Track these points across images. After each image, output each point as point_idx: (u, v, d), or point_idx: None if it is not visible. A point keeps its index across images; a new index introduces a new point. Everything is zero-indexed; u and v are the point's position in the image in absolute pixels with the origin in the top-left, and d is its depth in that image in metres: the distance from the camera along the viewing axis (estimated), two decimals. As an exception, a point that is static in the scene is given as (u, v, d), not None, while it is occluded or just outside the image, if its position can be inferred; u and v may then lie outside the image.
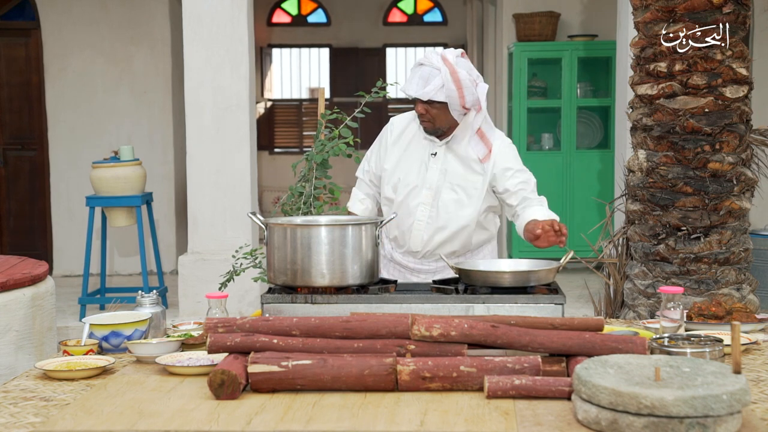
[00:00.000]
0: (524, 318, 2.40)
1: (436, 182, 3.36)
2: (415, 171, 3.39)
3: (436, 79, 3.21)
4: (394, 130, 3.48)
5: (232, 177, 6.36)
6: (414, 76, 3.26)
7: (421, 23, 12.80)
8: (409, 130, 3.45)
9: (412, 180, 3.38)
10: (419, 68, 3.26)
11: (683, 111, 4.31)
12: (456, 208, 3.36)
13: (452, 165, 3.36)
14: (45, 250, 8.60)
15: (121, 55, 8.49)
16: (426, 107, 3.27)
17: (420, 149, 3.40)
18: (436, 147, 3.38)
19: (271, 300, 2.91)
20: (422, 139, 3.40)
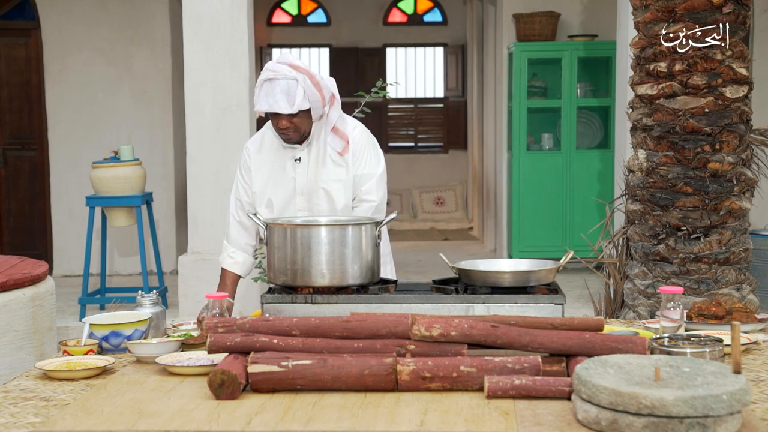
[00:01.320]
0: (524, 318, 2.40)
1: (306, 186, 3.34)
2: (283, 183, 3.35)
3: (297, 89, 3.16)
4: (251, 154, 3.40)
5: (232, 177, 6.34)
6: (273, 93, 3.16)
7: (421, 23, 12.80)
8: (265, 148, 3.39)
9: (282, 192, 3.35)
10: (273, 83, 3.16)
11: (683, 111, 4.31)
12: (328, 203, 3.35)
13: (316, 165, 3.35)
14: (45, 250, 8.60)
15: (121, 55, 8.49)
16: (289, 120, 3.21)
17: (282, 160, 3.36)
18: (298, 152, 3.35)
19: (271, 300, 2.91)
20: (282, 150, 3.36)
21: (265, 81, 3.18)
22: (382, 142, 12.78)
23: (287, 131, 3.25)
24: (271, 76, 3.17)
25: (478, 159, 10.76)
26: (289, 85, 3.16)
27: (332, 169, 3.35)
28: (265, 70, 3.19)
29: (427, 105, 13.10)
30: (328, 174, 3.35)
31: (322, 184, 3.34)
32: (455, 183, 12.37)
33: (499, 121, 8.97)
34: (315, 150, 3.36)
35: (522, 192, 8.22)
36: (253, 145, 3.43)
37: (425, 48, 13.02)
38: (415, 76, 13.08)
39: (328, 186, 3.34)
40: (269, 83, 3.17)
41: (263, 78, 3.19)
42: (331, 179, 3.35)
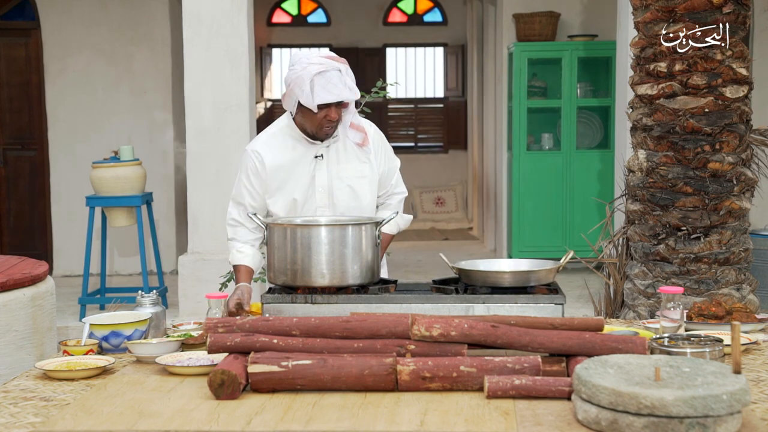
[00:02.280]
0: (524, 318, 2.40)
1: (327, 183, 3.33)
2: (304, 180, 3.32)
3: (346, 78, 3.19)
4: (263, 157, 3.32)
5: (232, 177, 6.35)
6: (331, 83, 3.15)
7: (421, 23, 12.80)
8: (278, 148, 3.34)
9: (302, 190, 3.31)
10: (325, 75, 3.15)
11: (683, 111, 4.31)
12: (351, 199, 3.34)
13: (338, 161, 3.34)
14: (45, 250, 8.60)
15: (121, 55, 8.49)
16: (338, 111, 3.22)
17: (300, 158, 3.33)
18: (320, 149, 3.33)
19: (271, 300, 2.91)
20: (299, 148, 3.33)
21: (315, 75, 3.15)
22: (382, 142, 12.80)
23: (334, 123, 3.25)
24: (321, 69, 3.15)
25: (478, 159, 10.77)
26: (339, 75, 3.18)
27: (357, 166, 3.35)
28: (310, 65, 3.16)
29: (427, 105, 13.10)
30: (353, 170, 3.35)
31: (346, 180, 3.33)
32: (455, 183, 12.37)
33: (499, 121, 8.97)
34: (335, 146, 3.34)
35: (522, 192, 8.22)
36: (262, 148, 3.34)
37: (425, 48, 13.03)
38: (415, 76, 13.08)
39: (353, 182, 3.33)
40: (321, 76, 3.15)
41: (313, 72, 3.15)
42: (356, 175, 3.34)
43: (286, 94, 3.24)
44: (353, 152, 3.35)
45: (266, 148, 3.34)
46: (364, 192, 3.35)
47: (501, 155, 8.89)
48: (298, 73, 3.17)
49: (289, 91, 3.22)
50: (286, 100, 3.28)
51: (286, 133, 3.35)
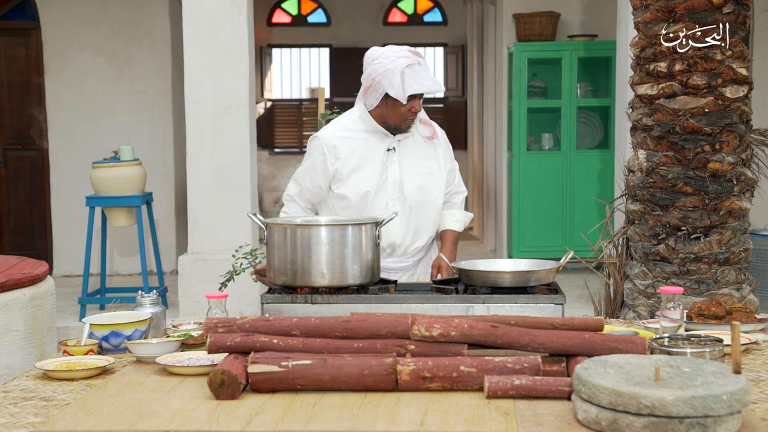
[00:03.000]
0: (524, 318, 2.40)
1: (398, 176, 3.39)
2: (375, 172, 3.38)
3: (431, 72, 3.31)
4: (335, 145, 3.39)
5: (232, 177, 6.36)
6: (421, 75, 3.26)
7: (421, 23, 12.80)
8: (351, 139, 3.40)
9: (374, 181, 3.37)
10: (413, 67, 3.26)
11: (683, 111, 4.31)
12: (421, 197, 3.42)
13: (410, 156, 3.42)
14: (45, 250, 8.60)
15: (121, 55, 8.49)
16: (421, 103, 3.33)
17: (372, 151, 3.39)
18: (392, 143, 3.40)
19: (271, 300, 2.92)
20: (370, 141, 3.39)
21: (405, 67, 3.25)
22: (382, 142, 12.80)
23: (416, 116, 3.35)
24: (409, 62, 3.26)
25: (478, 159, 10.77)
26: (425, 68, 3.30)
27: (426, 162, 3.45)
28: (399, 58, 3.26)
29: (427, 105, 13.05)
30: (423, 166, 3.45)
31: (417, 175, 3.41)
32: (455, 183, 12.36)
33: (499, 121, 8.97)
34: (406, 141, 3.43)
35: (522, 192, 8.22)
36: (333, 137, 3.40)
37: (425, 48, 13.02)
38: (415, 76, 13.05)
39: (423, 177, 3.43)
40: (410, 68, 3.25)
41: (403, 65, 3.25)
42: (425, 171, 3.44)
43: (370, 87, 3.32)
44: (422, 148, 3.46)
45: (338, 138, 3.41)
46: (432, 188, 3.45)
47: (501, 155, 8.89)
48: (386, 66, 3.26)
49: (375, 84, 3.30)
50: (369, 94, 3.35)
51: (359, 125, 3.41)
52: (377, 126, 3.39)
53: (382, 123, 3.38)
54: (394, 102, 3.30)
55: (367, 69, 3.34)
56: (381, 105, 3.34)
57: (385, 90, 3.28)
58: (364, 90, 3.38)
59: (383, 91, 3.29)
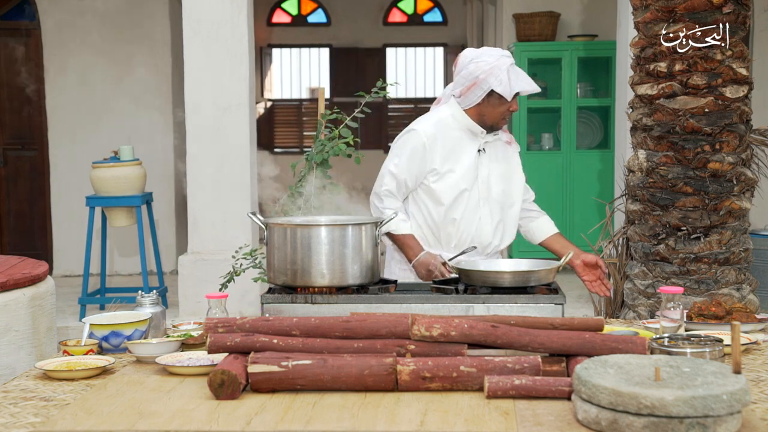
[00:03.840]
0: (524, 318, 2.40)
1: (486, 177, 3.47)
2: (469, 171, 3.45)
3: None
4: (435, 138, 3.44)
5: (232, 177, 6.36)
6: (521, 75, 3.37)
7: (421, 23, 12.80)
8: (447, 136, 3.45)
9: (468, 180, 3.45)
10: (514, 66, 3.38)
11: (683, 111, 4.31)
12: (505, 198, 3.51)
13: (495, 159, 3.51)
14: (45, 250, 8.60)
15: (121, 55, 8.49)
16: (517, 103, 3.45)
17: (466, 149, 3.46)
18: (481, 144, 3.48)
19: (271, 300, 2.92)
20: (463, 140, 3.46)
21: (510, 66, 3.35)
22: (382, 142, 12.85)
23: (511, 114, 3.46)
24: (512, 61, 3.37)
25: (478, 159, 10.75)
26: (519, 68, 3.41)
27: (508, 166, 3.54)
28: (502, 57, 3.36)
29: (427, 105, 13.06)
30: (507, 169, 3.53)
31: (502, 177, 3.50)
32: (455, 183, 12.36)
33: (500, 121, 8.96)
34: (492, 144, 3.51)
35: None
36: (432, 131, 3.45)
37: (425, 48, 13.02)
38: (415, 76, 13.08)
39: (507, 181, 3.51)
40: (513, 68, 3.37)
41: (508, 63, 3.35)
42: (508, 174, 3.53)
43: (474, 85, 3.37)
44: (504, 152, 3.55)
45: (437, 132, 3.45)
46: (513, 191, 3.54)
47: (501, 155, 8.88)
48: (491, 64, 3.35)
49: (479, 81, 3.36)
50: (470, 92, 3.40)
51: (452, 123, 3.47)
52: (470, 124, 3.44)
53: (480, 121, 3.44)
54: (498, 99, 3.37)
55: (468, 67, 3.40)
56: (483, 103, 3.40)
57: (491, 87, 3.34)
58: (462, 88, 3.42)
59: (488, 88, 3.35)
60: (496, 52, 3.39)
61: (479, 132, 3.45)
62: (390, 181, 3.46)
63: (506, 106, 3.39)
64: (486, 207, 3.46)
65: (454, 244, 3.45)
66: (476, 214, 3.45)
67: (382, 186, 3.48)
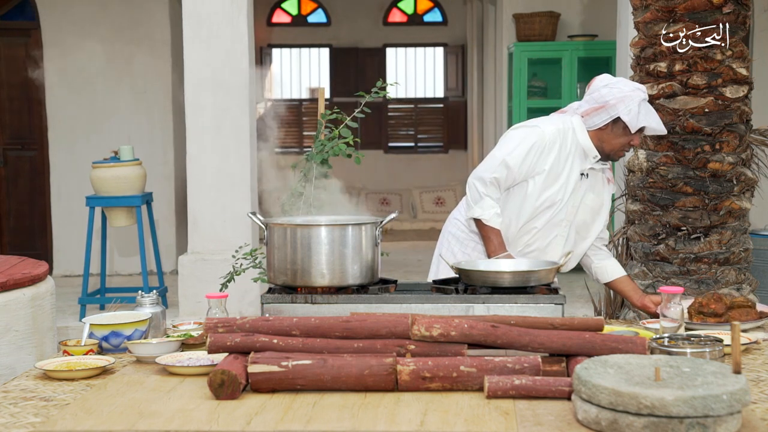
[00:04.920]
0: (524, 318, 2.40)
1: (579, 202, 3.46)
2: (568, 190, 3.44)
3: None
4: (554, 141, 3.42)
5: (232, 177, 6.36)
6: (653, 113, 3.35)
7: (421, 23, 12.81)
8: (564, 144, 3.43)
9: (562, 196, 3.43)
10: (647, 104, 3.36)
11: (683, 111, 4.31)
12: (585, 229, 3.51)
13: (591, 189, 3.50)
14: (45, 250, 8.60)
15: (121, 56, 8.49)
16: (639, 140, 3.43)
17: (573, 167, 3.44)
18: (586, 168, 3.46)
19: (271, 300, 2.91)
20: (575, 157, 3.44)
21: (642, 100, 3.34)
22: (382, 142, 12.84)
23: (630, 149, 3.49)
24: (645, 96, 3.36)
25: (478, 159, 10.76)
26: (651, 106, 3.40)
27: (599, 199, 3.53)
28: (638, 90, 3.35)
29: (427, 105, 13.10)
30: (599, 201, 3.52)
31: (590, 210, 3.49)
32: (455, 183, 12.38)
33: (499, 121, 8.97)
34: (594, 173, 3.50)
35: (522, 192, 8.21)
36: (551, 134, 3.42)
37: (425, 48, 13.03)
38: (415, 76, 13.08)
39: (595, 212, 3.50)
40: (644, 103, 3.35)
41: (641, 97, 3.34)
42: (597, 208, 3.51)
43: (602, 108, 3.36)
44: (601, 185, 3.53)
45: (557, 138, 3.43)
46: (595, 225, 3.53)
47: (501, 155, 8.87)
48: (625, 93, 3.34)
49: (608, 106, 3.35)
50: (597, 114, 3.39)
51: (571, 136, 3.44)
52: (588, 145, 3.42)
53: (597, 145, 3.42)
54: (622, 129, 3.35)
55: (601, 91, 3.38)
56: (605, 128, 3.38)
57: (618, 114, 3.32)
58: (590, 108, 3.41)
59: (615, 114, 3.33)
60: (632, 85, 3.37)
61: (592, 156, 3.43)
62: (501, 169, 3.40)
63: (628, 138, 3.36)
64: (565, 230, 3.46)
65: (519, 250, 3.45)
66: (553, 232, 3.44)
67: (492, 172, 3.41)
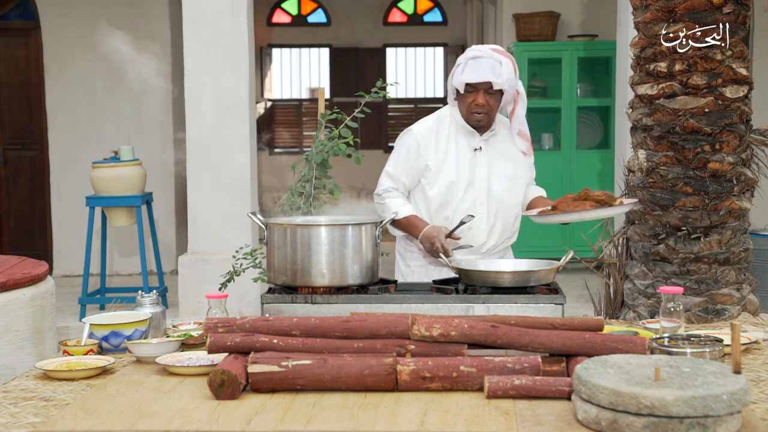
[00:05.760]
0: (524, 318, 2.40)
1: (486, 176, 3.46)
2: (463, 169, 3.45)
3: (502, 69, 3.35)
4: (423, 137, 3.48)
5: (232, 177, 6.36)
6: (481, 67, 3.33)
7: (421, 23, 12.81)
8: (440, 133, 3.48)
9: (462, 178, 3.44)
10: (479, 60, 3.35)
11: (683, 111, 4.31)
12: (507, 198, 3.49)
13: (497, 158, 3.49)
14: (45, 250, 8.60)
15: (121, 55, 8.48)
16: (486, 98, 3.38)
17: (460, 148, 3.46)
18: (478, 142, 3.47)
19: (271, 300, 2.92)
20: (460, 138, 3.47)
21: (469, 59, 3.36)
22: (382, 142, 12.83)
23: (482, 109, 3.40)
24: (477, 54, 3.36)
25: (478, 159, 10.75)
26: (494, 64, 3.35)
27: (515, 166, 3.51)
28: (470, 50, 3.39)
29: (427, 105, 13.10)
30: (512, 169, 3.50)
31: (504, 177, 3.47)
32: (455, 183, 12.36)
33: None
34: (497, 144, 3.50)
35: (522, 192, 8.21)
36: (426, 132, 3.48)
37: (425, 48, 13.03)
38: (415, 76, 13.08)
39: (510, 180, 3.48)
40: (475, 60, 3.35)
41: (467, 57, 3.37)
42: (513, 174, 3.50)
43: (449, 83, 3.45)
44: (510, 151, 3.53)
45: (430, 131, 3.48)
46: (517, 190, 3.52)
47: (501, 155, 8.88)
48: (458, 60, 3.41)
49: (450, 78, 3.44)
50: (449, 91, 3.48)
51: (449, 121, 3.49)
52: (464, 124, 3.47)
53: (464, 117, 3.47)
54: (462, 94, 3.41)
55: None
56: (457, 100, 3.46)
57: (452, 83, 3.42)
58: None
59: (452, 86, 3.42)
60: (472, 47, 3.42)
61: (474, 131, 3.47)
62: (387, 181, 3.52)
63: (469, 99, 3.39)
64: (484, 206, 3.45)
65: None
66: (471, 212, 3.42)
67: (381, 186, 3.53)
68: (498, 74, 3.34)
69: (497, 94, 3.41)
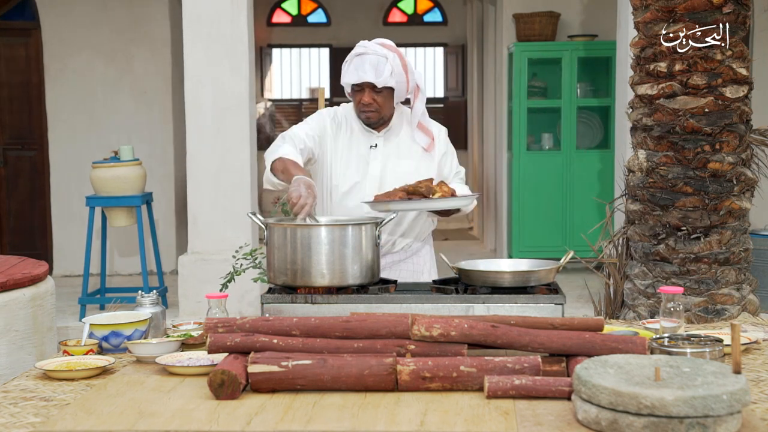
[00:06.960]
0: (524, 318, 2.40)
1: (379, 174, 3.36)
2: (354, 166, 3.37)
3: (386, 66, 3.26)
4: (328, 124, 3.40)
5: (232, 177, 6.36)
6: (362, 65, 3.26)
7: (421, 23, 12.81)
8: (343, 126, 3.42)
9: (352, 175, 3.36)
10: (363, 57, 3.28)
11: (683, 111, 4.31)
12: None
13: (394, 155, 3.39)
14: (45, 250, 8.60)
15: (121, 55, 8.49)
16: (374, 96, 3.30)
17: (358, 144, 3.39)
18: (375, 139, 3.39)
19: (271, 300, 2.92)
20: (358, 134, 3.40)
21: (355, 56, 3.31)
22: (382, 142, 12.79)
23: (369, 108, 3.31)
24: (361, 51, 3.30)
25: (478, 159, 10.76)
26: (378, 60, 3.27)
27: (415, 164, 3.38)
28: (357, 47, 3.33)
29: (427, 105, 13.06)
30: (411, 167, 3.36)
31: (401, 175, 3.32)
32: (455, 183, 12.37)
33: (499, 121, 8.97)
34: (395, 141, 3.40)
35: (522, 192, 8.22)
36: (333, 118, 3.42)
37: (425, 48, 13.03)
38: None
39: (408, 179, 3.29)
40: (359, 58, 3.29)
41: (353, 54, 3.32)
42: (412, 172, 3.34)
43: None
44: (409, 148, 3.41)
45: (334, 121, 3.42)
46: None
47: (501, 155, 8.89)
48: (346, 58, 3.35)
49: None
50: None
51: (345, 120, 3.43)
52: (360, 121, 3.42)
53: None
54: (351, 93, 3.36)
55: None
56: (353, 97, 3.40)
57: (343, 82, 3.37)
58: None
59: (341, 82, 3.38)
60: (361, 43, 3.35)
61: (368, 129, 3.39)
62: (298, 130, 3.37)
63: (357, 98, 3.33)
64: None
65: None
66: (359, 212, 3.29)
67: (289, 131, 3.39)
68: (380, 72, 3.24)
69: (385, 90, 3.31)
